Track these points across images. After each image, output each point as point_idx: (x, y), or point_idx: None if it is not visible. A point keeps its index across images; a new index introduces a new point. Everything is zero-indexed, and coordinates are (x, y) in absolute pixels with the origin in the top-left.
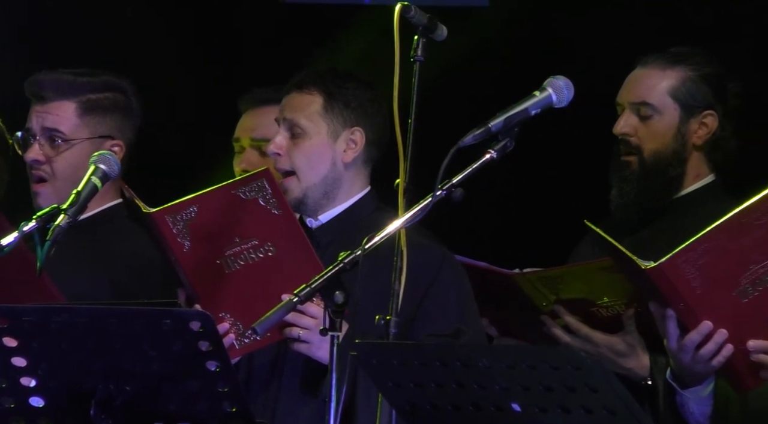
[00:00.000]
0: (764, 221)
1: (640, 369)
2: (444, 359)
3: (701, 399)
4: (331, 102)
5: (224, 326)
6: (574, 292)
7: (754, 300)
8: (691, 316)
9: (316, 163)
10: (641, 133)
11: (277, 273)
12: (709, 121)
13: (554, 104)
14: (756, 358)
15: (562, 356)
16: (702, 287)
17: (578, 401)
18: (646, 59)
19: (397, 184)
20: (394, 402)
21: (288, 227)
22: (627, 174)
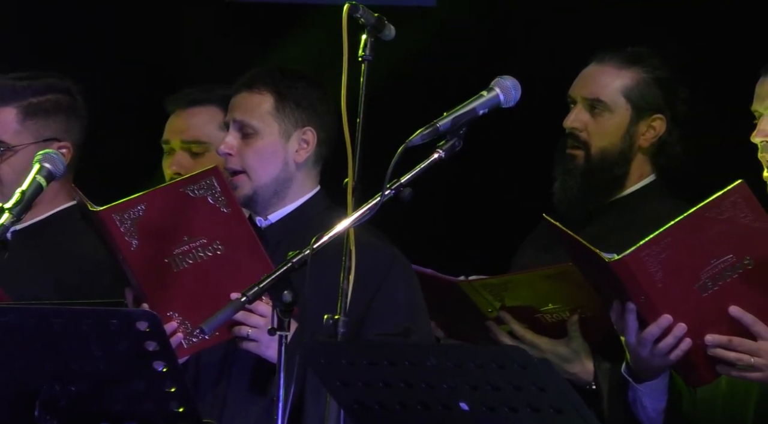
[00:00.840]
0: (726, 217)
1: (585, 374)
2: (392, 359)
3: (655, 394)
4: (282, 102)
5: (172, 325)
6: (519, 299)
7: (713, 295)
8: (651, 309)
9: (267, 163)
10: (591, 129)
11: (225, 272)
12: (657, 124)
13: (502, 104)
14: (713, 352)
15: (509, 356)
16: (663, 280)
17: (525, 400)
18: (602, 56)
19: (346, 184)
20: (342, 401)
21: (237, 225)
22: (571, 167)
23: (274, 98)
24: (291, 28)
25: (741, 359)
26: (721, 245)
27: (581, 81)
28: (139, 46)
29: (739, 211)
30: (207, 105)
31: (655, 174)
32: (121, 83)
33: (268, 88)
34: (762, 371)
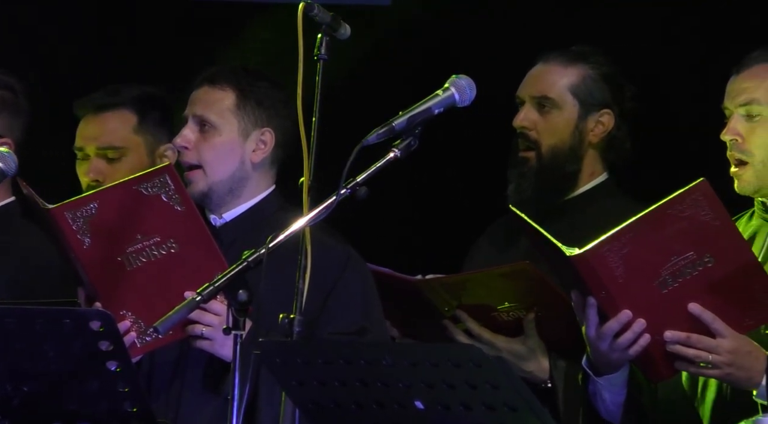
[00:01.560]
0: (688, 214)
1: (540, 372)
2: (348, 358)
3: (615, 387)
4: (244, 99)
5: (125, 324)
6: (475, 297)
7: (673, 291)
8: (611, 304)
9: (224, 159)
10: (540, 128)
11: (179, 270)
12: (605, 119)
13: (457, 103)
14: (672, 348)
15: (464, 354)
16: (624, 276)
17: (480, 398)
18: (547, 56)
19: (302, 183)
20: (297, 401)
21: (191, 223)
22: (525, 170)
23: (236, 95)
24: (246, 26)
25: (699, 356)
26: (682, 242)
27: (528, 81)
28: (94, 43)
29: (701, 209)
30: (118, 109)
31: (606, 173)
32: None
33: (231, 85)
34: (720, 368)
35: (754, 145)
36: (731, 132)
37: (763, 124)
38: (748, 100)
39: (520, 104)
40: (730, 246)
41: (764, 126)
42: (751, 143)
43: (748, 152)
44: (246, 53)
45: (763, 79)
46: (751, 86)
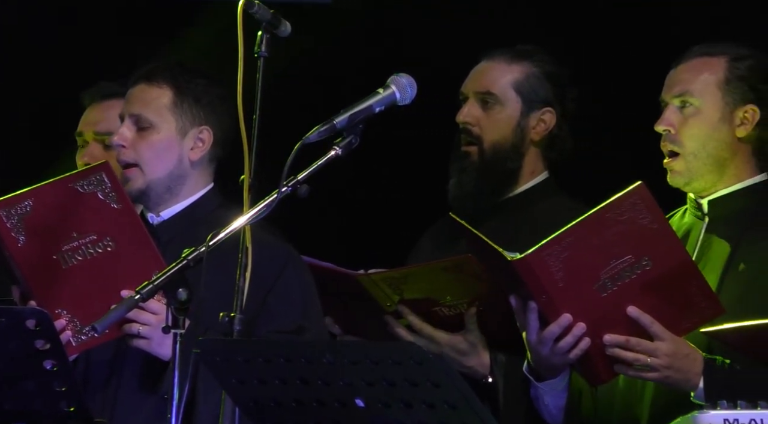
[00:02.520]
0: (626, 218)
1: (481, 367)
2: (289, 356)
3: (556, 392)
4: (181, 97)
5: (60, 322)
6: (417, 292)
7: (612, 295)
8: (552, 308)
9: (161, 157)
10: (483, 123)
11: (116, 268)
12: (547, 118)
13: (398, 102)
14: (611, 352)
15: (405, 352)
16: (564, 280)
17: (420, 396)
18: (492, 53)
19: (242, 181)
20: (237, 399)
21: (128, 221)
22: (466, 165)
23: (174, 93)
24: (186, 23)
25: (638, 359)
26: (621, 245)
27: (473, 77)
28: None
29: (638, 212)
30: (121, 98)
31: (547, 171)
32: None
33: (168, 83)
34: (658, 371)
35: (686, 137)
36: (665, 122)
37: (695, 117)
38: (682, 91)
39: (464, 100)
40: (667, 249)
41: (697, 118)
42: (684, 135)
43: (680, 143)
44: (186, 50)
45: (699, 71)
46: (687, 78)
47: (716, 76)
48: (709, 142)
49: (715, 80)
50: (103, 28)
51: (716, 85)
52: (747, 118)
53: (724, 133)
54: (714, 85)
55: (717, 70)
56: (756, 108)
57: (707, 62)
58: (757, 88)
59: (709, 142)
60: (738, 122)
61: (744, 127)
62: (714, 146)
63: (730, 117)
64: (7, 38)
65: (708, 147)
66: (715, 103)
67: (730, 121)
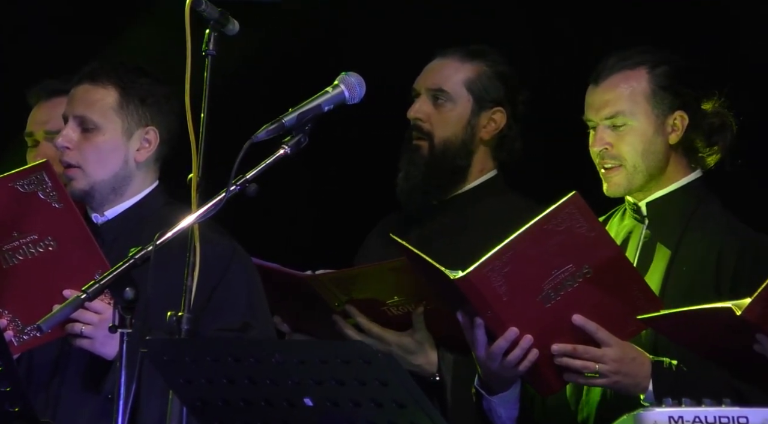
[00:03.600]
0: (564, 228)
1: (429, 365)
2: (237, 355)
3: (508, 404)
4: (127, 98)
5: (1, 322)
6: (365, 292)
7: (556, 305)
8: (498, 323)
9: (107, 160)
10: (434, 120)
11: (58, 268)
12: (498, 117)
13: (347, 100)
14: (559, 361)
15: (353, 351)
16: (508, 294)
17: (369, 394)
18: (445, 51)
19: (190, 179)
20: (184, 399)
21: (70, 221)
22: (416, 158)
23: (119, 94)
24: (133, 19)
25: (586, 366)
26: (561, 255)
27: (425, 74)
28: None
29: (575, 221)
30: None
31: (496, 170)
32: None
33: (113, 83)
34: (607, 377)
35: (624, 151)
36: (600, 143)
37: (630, 133)
38: (612, 114)
39: (416, 96)
40: (606, 255)
41: (631, 135)
42: (621, 149)
43: (620, 157)
44: (133, 48)
45: (623, 89)
46: (613, 98)
47: (642, 89)
48: (648, 155)
49: (642, 94)
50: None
51: (644, 99)
52: (677, 124)
53: (659, 144)
54: (642, 99)
55: (641, 84)
56: (684, 114)
57: (628, 77)
58: (681, 94)
59: (647, 156)
60: (669, 130)
61: (676, 134)
62: (652, 158)
63: (662, 127)
64: None
65: (647, 160)
66: (647, 117)
67: (663, 131)
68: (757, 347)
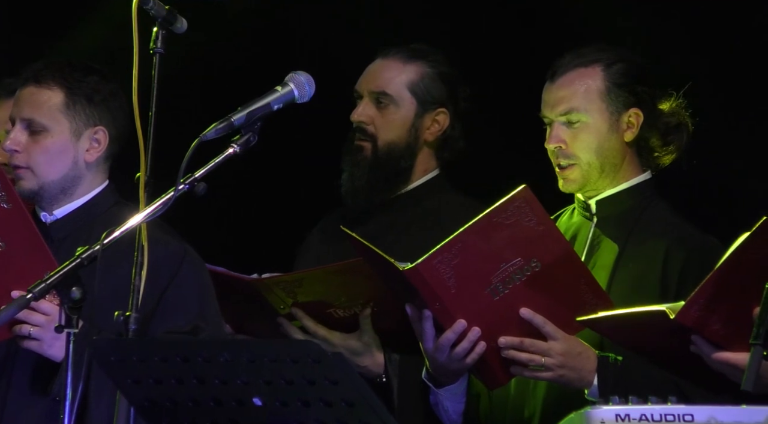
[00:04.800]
0: (513, 221)
1: (375, 367)
2: (185, 355)
3: (455, 397)
4: (73, 98)
5: None
6: (311, 295)
7: (504, 298)
8: (446, 315)
9: (56, 161)
10: (378, 123)
11: (6, 269)
12: (441, 118)
13: (296, 99)
14: (506, 354)
15: (303, 350)
16: (456, 286)
17: (318, 394)
18: (387, 51)
19: (138, 178)
20: (132, 399)
21: (19, 221)
22: (359, 159)
23: (65, 94)
24: (81, 18)
25: (533, 359)
26: (510, 248)
27: (367, 76)
28: None
29: (524, 215)
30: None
31: (438, 169)
32: None
33: (58, 83)
34: (552, 370)
35: (578, 149)
36: (555, 140)
37: (584, 130)
38: (567, 110)
39: (358, 98)
40: (555, 250)
41: (586, 132)
42: (575, 147)
43: (574, 156)
44: (81, 46)
45: (578, 86)
46: (567, 95)
47: (596, 87)
48: (602, 152)
49: (597, 92)
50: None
51: (598, 96)
52: (632, 122)
53: (614, 141)
54: (597, 96)
55: (596, 81)
56: (638, 111)
57: (583, 74)
58: (635, 92)
59: (601, 153)
60: (624, 127)
61: (630, 132)
62: (606, 155)
63: (616, 124)
64: None
65: (601, 157)
66: (602, 115)
67: (617, 128)
68: (693, 348)
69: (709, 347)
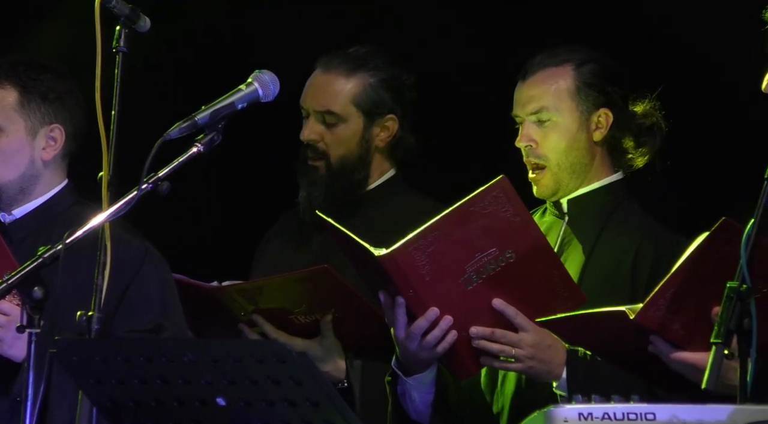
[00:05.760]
0: (489, 211)
1: (337, 372)
2: (149, 355)
3: (424, 387)
4: (28, 96)
5: None
6: (272, 302)
7: (477, 288)
8: (419, 303)
9: (12, 161)
10: (327, 140)
11: None
12: (390, 124)
13: (261, 99)
14: (477, 344)
15: (268, 350)
16: (430, 274)
17: (282, 394)
18: (327, 63)
19: (101, 178)
20: (94, 400)
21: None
22: (315, 178)
23: (19, 92)
24: (43, 17)
25: (503, 350)
26: (485, 238)
27: (311, 92)
28: None
29: (501, 205)
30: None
31: (394, 169)
32: None
33: (11, 82)
34: (522, 362)
35: (548, 149)
36: (525, 139)
37: (554, 129)
38: (537, 109)
39: (305, 115)
40: (530, 241)
41: (556, 130)
42: (545, 147)
43: (544, 157)
44: (43, 45)
45: (549, 85)
46: (538, 93)
47: (567, 86)
48: (571, 151)
49: (567, 91)
50: None
51: (568, 95)
52: (601, 122)
53: (583, 141)
54: (567, 95)
55: (566, 80)
56: (608, 111)
57: (554, 73)
58: (606, 92)
59: (571, 152)
60: (594, 127)
61: (600, 131)
62: (576, 155)
63: (586, 124)
64: None
65: (570, 157)
66: (571, 114)
67: (587, 127)
68: (651, 348)
69: (667, 347)
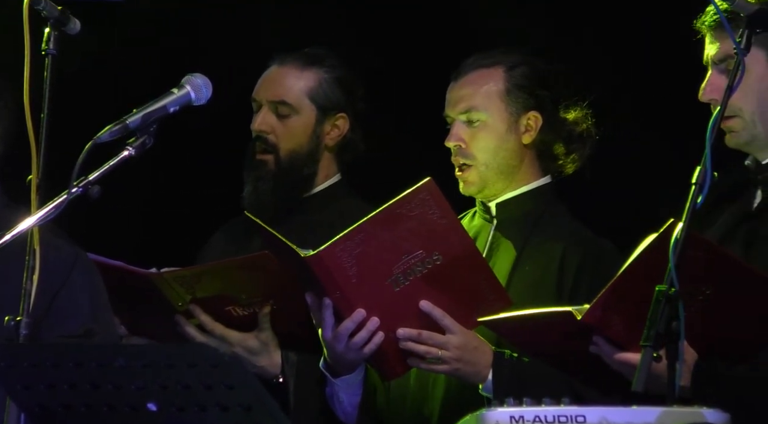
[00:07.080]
0: (417, 213)
1: (272, 367)
2: (78, 360)
3: (351, 388)
4: None
5: None
6: (211, 290)
7: (405, 289)
8: (346, 304)
9: None
10: (278, 132)
11: None
12: (341, 123)
13: (193, 102)
14: (404, 345)
15: (199, 354)
16: (357, 275)
17: (214, 398)
18: (283, 58)
19: (30, 181)
20: (23, 405)
21: None
22: (263, 173)
23: None
24: None
25: (430, 352)
26: (412, 240)
27: (265, 84)
28: None
29: (428, 207)
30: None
31: (340, 174)
32: None
33: None
34: (448, 363)
35: (476, 149)
36: (454, 138)
37: (483, 130)
38: (467, 108)
39: (257, 107)
40: (457, 244)
41: (485, 131)
42: (474, 147)
43: (472, 156)
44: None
45: (479, 85)
46: (469, 93)
47: (497, 87)
48: (499, 152)
49: (497, 92)
50: None
51: (498, 96)
52: (531, 125)
53: (512, 143)
54: (496, 97)
55: (497, 82)
56: (538, 114)
57: (485, 74)
58: (536, 95)
59: (499, 153)
60: (523, 129)
61: (529, 134)
62: (504, 156)
63: (515, 126)
64: None
65: (498, 157)
66: (500, 115)
67: (516, 129)
68: (593, 349)
69: (609, 347)
